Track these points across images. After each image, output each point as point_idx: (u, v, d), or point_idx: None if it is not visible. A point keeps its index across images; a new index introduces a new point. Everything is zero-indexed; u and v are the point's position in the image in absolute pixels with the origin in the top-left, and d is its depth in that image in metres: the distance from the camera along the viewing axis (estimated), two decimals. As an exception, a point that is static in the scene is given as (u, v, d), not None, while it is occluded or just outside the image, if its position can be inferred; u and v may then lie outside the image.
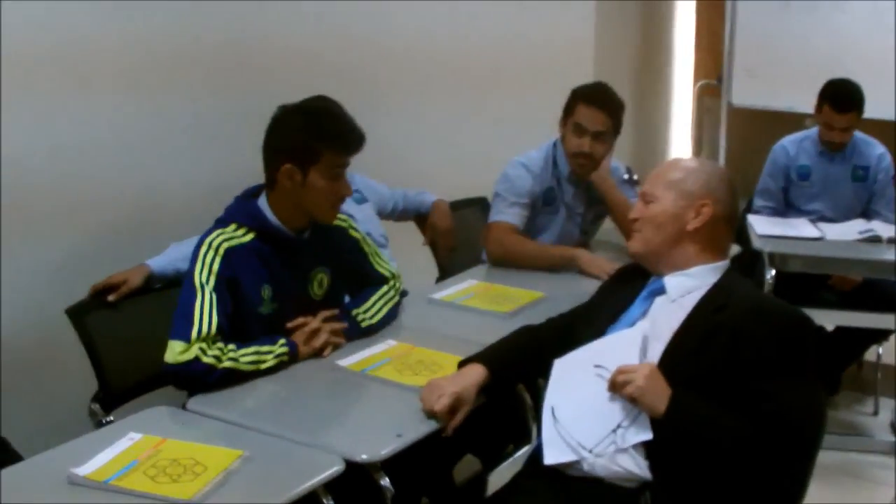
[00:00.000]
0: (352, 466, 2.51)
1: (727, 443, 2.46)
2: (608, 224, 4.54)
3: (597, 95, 4.21)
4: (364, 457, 2.51)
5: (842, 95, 5.01)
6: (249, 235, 3.07)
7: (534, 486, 2.64)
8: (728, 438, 2.46)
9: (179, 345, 2.86)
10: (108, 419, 3.12)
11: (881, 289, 4.85)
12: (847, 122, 5.02)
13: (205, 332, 2.88)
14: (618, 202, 4.30)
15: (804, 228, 4.96)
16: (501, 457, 3.12)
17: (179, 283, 3.06)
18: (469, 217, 4.75)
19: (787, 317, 2.61)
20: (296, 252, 3.16)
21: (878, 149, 5.23)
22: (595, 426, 2.57)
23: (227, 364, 2.87)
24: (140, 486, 2.28)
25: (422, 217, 4.49)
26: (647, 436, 2.50)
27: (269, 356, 2.97)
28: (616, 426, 2.54)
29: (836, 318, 4.96)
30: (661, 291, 2.76)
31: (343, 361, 3.04)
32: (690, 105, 8.94)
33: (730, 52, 7.49)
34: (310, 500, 2.46)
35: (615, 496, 2.54)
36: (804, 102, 5.17)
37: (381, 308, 3.38)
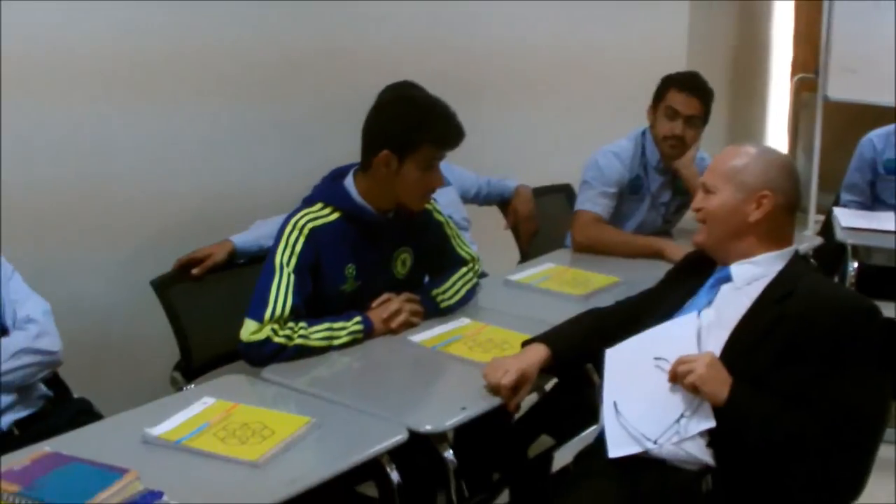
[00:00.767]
0: (419, 438, 2.57)
1: (787, 433, 2.46)
2: (690, 213, 4.54)
3: (689, 81, 4.24)
4: (428, 427, 2.57)
5: None
6: (335, 215, 3.13)
7: (596, 466, 2.64)
8: (788, 428, 2.45)
9: (253, 324, 2.94)
10: (189, 387, 3.21)
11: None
12: None
13: (278, 314, 2.95)
14: None
15: (888, 222, 4.88)
16: (572, 435, 3.15)
17: (262, 260, 3.13)
18: (553, 203, 4.80)
19: (853, 306, 2.59)
20: (380, 232, 3.21)
21: None
22: (658, 417, 2.58)
23: (298, 341, 2.95)
24: (209, 447, 2.37)
25: (505, 202, 4.54)
26: (710, 424, 2.50)
27: (343, 332, 3.04)
28: (679, 416, 2.54)
29: (922, 314, 4.91)
30: (727, 279, 2.75)
31: (416, 337, 3.11)
32: (787, 99, 8.88)
33: (827, 47, 7.42)
34: (374, 468, 2.54)
35: (678, 478, 2.55)
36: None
37: (460, 289, 3.43)
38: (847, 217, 4.95)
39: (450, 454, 2.64)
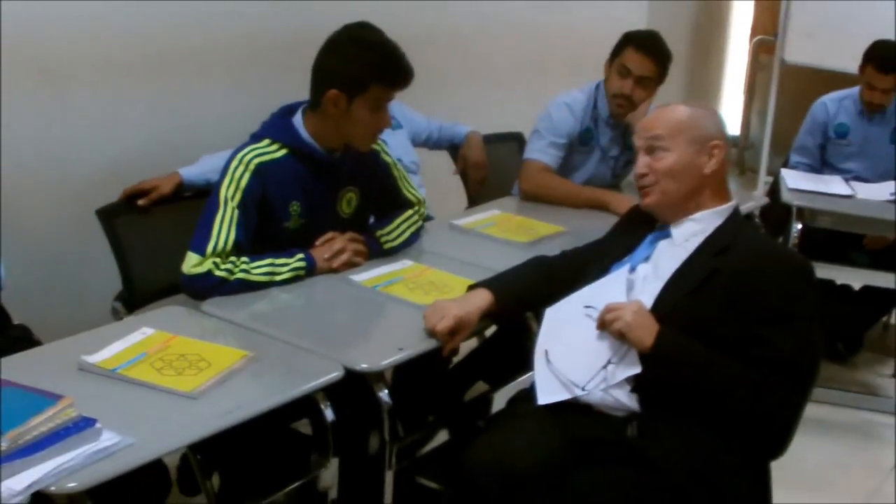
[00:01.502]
0: (355, 377, 2.59)
1: (713, 379, 2.50)
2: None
3: (648, 42, 4.23)
4: (364, 366, 2.59)
5: (886, 56, 4.98)
6: (282, 151, 3.13)
7: (527, 410, 2.68)
8: (714, 375, 2.50)
9: (195, 257, 2.95)
10: (128, 317, 3.19)
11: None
12: (889, 84, 4.99)
13: (220, 248, 2.96)
14: None
15: (836, 185, 4.95)
16: (507, 381, 3.18)
17: (209, 194, 3.12)
18: (503, 151, 4.80)
19: (788, 261, 2.64)
20: (327, 171, 3.21)
21: None
22: (586, 364, 2.62)
23: (239, 276, 2.96)
24: (145, 377, 2.38)
25: (455, 147, 4.55)
26: (636, 370, 2.55)
27: (284, 269, 3.05)
28: (606, 362, 2.59)
29: (863, 278, 5.00)
30: (667, 236, 2.79)
31: (357, 277, 3.12)
32: (745, 60, 8.91)
33: (786, 10, 7.44)
34: (309, 405, 2.57)
35: (604, 423, 2.60)
36: (857, 64, 5.12)
37: (404, 231, 3.45)
38: (794, 179, 5.00)
39: (385, 394, 2.66)
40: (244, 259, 2.99)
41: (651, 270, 2.73)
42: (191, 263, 2.94)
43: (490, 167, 4.51)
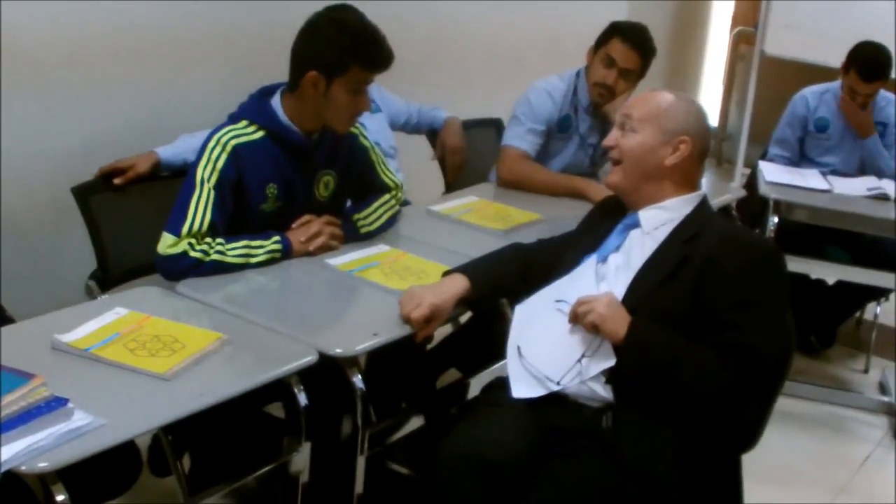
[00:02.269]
0: (329, 362, 2.59)
1: (686, 370, 2.50)
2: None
3: (636, 35, 4.21)
4: (338, 351, 2.59)
5: (871, 64, 4.94)
6: (259, 133, 3.11)
7: (502, 398, 2.68)
8: (687, 365, 2.50)
9: (170, 237, 2.94)
10: (103, 297, 3.18)
11: (885, 247, 4.86)
12: (872, 90, 4.99)
13: (195, 228, 2.95)
14: None
15: (813, 180, 4.95)
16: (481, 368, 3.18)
17: (186, 174, 3.10)
18: (482, 137, 4.79)
19: (757, 248, 2.66)
20: (304, 153, 3.20)
21: None
22: (560, 358, 2.62)
23: (214, 257, 2.95)
24: (118, 357, 2.37)
25: (434, 132, 4.54)
26: (610, 362, 2.56)
27: (260, 251, 3.04)
28: (580, 356, 2.59)
29: (838, 273, 4.99)
30: (636, 225, 2.79)
31: (333, 261, 3.11)
32: (725, 51, 8.92)
33: (767, 2, 7.44)
34: (283, 389, 2.56)
35: (579, 414, 2.61)
36: (837, 57, 5.12)
37: (381, 216, 3.44)
38: (772, 171, 5.01)
39: (358, 379, 2.66)
40: (220, 240, 2.98)
41: (622, 260, 2.74)
42: (166, 244, 2.93)
43: (468, 153, 4.50)
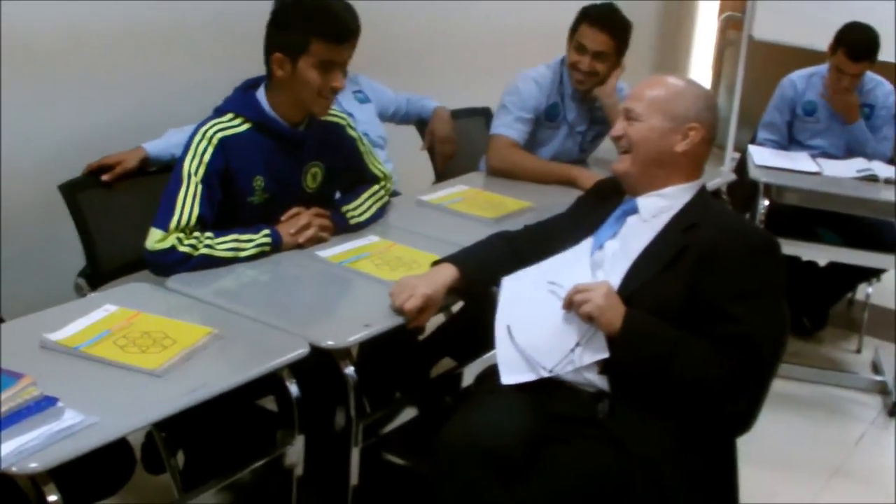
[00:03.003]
0: (322, 354, 2.58)
1: (681, 359, 2.50)
2: (607, 143, 4.57)
3: (602, 16, 4.21)
4: (330, 343, 2.58)
5: (858, 43, 4.93)
6: (245, 126, 3.11)
7: (497, 386, 2.66)
8: (682, 355, 2.50)
9: (158, 233, 2.93)
10: (92, 294, 3.15)
11: (875, 228, 4.88)
12: (858, 70, 4.98)
13: (184, 223, 2.94)
14: None
15: (803, 162, 4.96)
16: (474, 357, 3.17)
17: (173, 169, 3.09)
18: (470, 126, 4.78)
19: (755, 238, 2.64)
20: (291, 145, 3.19)
21: (886, 87, 5.20)
22: (553, 345, 2.61)
23: (204, 251, 2.94)
24: (108, 355, 2.36)
25: (423, 122, 4.53)
26: (604, 354, 2.55)
27: (249, 245, 3.03)
28: (574, 345, 2.58)
29: (829, 254, 5.02)
30: (634, 211, 2.78)
31: (323, 252, 3.11)
32: (714, 36, 8.91)
33: (755, -14, 7.45)
34: (275, 382, 2.55)
35: (575, 400, 2.60)
36: (825, 41, 5.11)
37: (371, 207, 3.44)
38: (761, 155, 5.00)
39: (351, 370, 2.65)
40: (208, 234, 2.97)
41: (619, 248, 2.73)
42: (154, 239, 2.92)
43: (457, 142, 4.49)
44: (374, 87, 4.33)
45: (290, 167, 3.21)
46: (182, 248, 2.91)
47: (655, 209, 2.75)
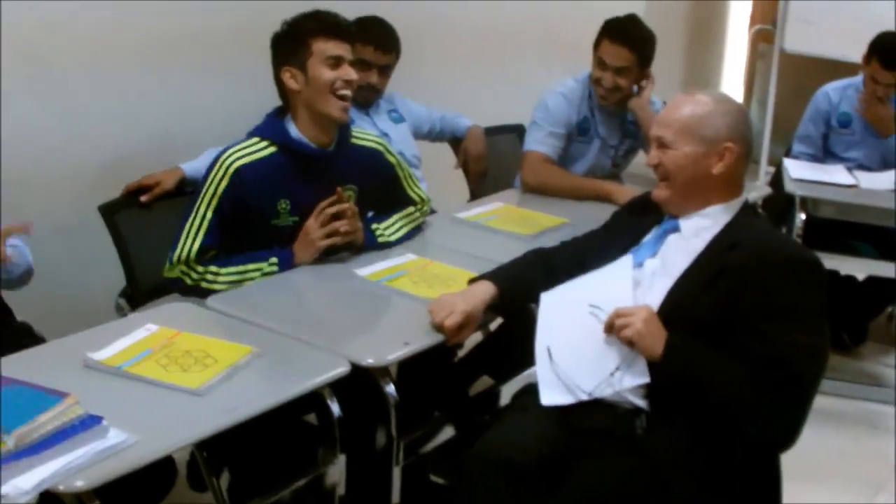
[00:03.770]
0: (362, 372, 2.59)
1: (722, 385, 2.48)
2: (640, 157, 4.57)
3: (621, 31, 4.21)
4: (370, 361, 2.58)
5: (892, 52, 4.90)
6: (270, 149, 3.14)
7: (532, 403, 2.66)
8: (723, 380, 2.48)
9: (167, 262, 3.04)
10: (133, 314, 3.17)
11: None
12: (893, 79, 4.95)
13: (184, 255, 3.03)
14: None
15: (838, 175, 4.92)
16: (512, 375, 3.17)
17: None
18: (504, 143, 4.80)
19: (797, 258, 2.60)
20: (320, 167, 3.21)
21: None
22: (592, 368, 2.60)
23: (204, 285, 3.01)
24: (151, 374, 2.37)
25: (457, 140, 4.54)
26: (644, 379, 2.54)
27: (256, 274, 3.07)
28: (614, 369, 2.57)
29: (866, 268, 4.98)
30: (675, 230, 2.76)
31: (361, 271, 3.12)
32: (744, 49, 8.89)
33: (785, -1, 7.43)
34: (316, 400, 2.56)
35: (612, 415, 2.59)
36: (857, 52, 5.09)
37: (402, 227, 3.45)
38: (797, 168, 4.98)
39: (391, 388, 2.66)
40: (212, 268, 3.04)
41: (659, 266, 2.71)
42: (166, 268, 3.05)
43: (491, 159, 4.51)
44: (409, 106, 4.35)
45: (320, 189, 3.19)
46: (188, 281, 3.02)
47: (697, 228, 2.72)
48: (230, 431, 2.25)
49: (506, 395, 3.06)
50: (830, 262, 4.53)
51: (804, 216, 4.67)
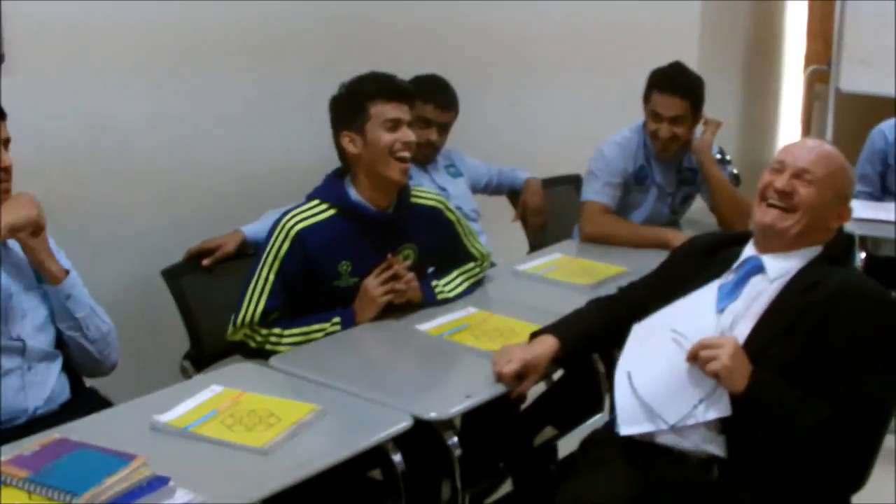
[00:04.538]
0: (425, 426, 2.60)
1: (802, 427, 2.45)
2: (698, 203, 4.57)
3: (669, 81, 4.24)
4: (433, 415, 2.60)
5: None
6: (330, 212, 3.17)
7: (603, 453, 2.66)
8: (803, 423, 2.45)
9: (231, 327, 3.07)
10: (198, 376, 3.22)
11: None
12: None
13: (248, 319, 3.05)
14: (718, 178, 4.34)
15: (897, 213, 4.90)
16: (576, 424, 3.17)
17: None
18: (562, 194, 4.81)
19: (879, 299, 2.59)
20: (381, 229, 3.24)
21: None
22: (675, 398, 2.57)
23: (269, 348, 3.03)
24: (216, 434, 2.40)
25: (515, 193, 4.57)
26: (726, 412, 2.51)
27: (319, 334, 3.10)
28: (698, 401, 2.54)
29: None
30: (759, 271, 2.72)
31: (422, 326, 3.14)
32: (800, 90, 8.86)
33: (839, 38, 7.39)
34: (380, 455, 2.58)
35: (685, 466, 2.57)
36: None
37: (461, 283, 3.45)
38: (855, 208, 4.90)
39: (454, 441, 2.67)
40: (275, 330, 3.06)
41: (742, 308, 2.68)
42: (230, 331, 3.07)
43: (549, 210, 4.52)
44: (466, 162, 4.39)
45: (379, 250, 3.22)
46: (252, 344, 3.04)
47: (782, 270, 2.69)
48: (296, 489, 2.26)
49: (570, 444, 3.05)
50: (894, 301, 4.51)
51: (864, 255, 4.63)
